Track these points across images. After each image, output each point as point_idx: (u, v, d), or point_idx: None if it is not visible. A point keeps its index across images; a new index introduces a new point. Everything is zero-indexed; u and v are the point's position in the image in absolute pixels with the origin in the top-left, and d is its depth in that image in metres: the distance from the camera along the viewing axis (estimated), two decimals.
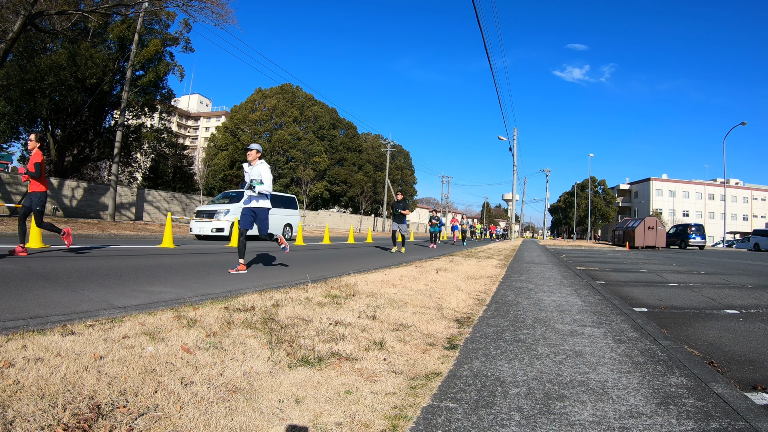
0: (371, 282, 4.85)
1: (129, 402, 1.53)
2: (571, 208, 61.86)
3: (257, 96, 45.43)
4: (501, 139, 35.07)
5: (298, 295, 3.68)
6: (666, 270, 9.75)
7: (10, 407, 1.40)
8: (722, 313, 4.46)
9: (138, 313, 2.80)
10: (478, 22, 19.62)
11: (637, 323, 3.49)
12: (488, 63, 65.65)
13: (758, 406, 1.88)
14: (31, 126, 21.10)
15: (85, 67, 20.11)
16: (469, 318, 3.49)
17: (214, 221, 12.64)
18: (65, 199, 19.02)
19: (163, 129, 29.14)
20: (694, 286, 6.78)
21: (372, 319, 3.09)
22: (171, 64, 24.69)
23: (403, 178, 58.28)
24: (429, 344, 2.62)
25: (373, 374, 2.03)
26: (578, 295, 4.96)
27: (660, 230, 26.75)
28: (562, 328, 3.21)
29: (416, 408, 1.69)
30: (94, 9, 16.60)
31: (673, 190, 67.81)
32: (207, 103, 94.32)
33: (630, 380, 2.13)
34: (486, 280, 6.05)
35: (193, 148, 58.98)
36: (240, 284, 4.55)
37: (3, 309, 2.83)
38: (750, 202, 68.60)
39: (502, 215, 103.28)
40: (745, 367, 2.67)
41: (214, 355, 2.07)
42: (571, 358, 2.46)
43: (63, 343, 2.00)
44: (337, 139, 47.52)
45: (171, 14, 22.29)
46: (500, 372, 2.17)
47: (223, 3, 16.96)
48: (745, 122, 40.77)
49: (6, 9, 14.20)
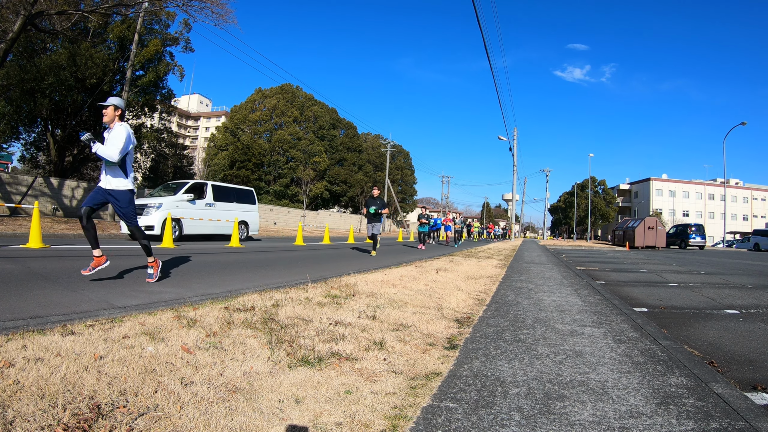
0: (371, 282, 4.85)
1: (129, 402, 1.53)
2: (571, 208, 61.85)
3: (257, 96, 45.45)
4: (501, 139, 35.11)
5: (298, 295, 3.68)
6: (666, 270, 9.75)
7: (10, 407, 1.40)
8: (722, 313, 4.46)
9: (138, 313, 2.81)
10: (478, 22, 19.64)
11: (637, 323, 3.49)
12: (488, 63, 65.69)
13: (758, 406, 1.88)
14: (31, 126, 21.12)
15: (85, 67, 20.11)
16: (469, 318, 3.49)
17: (144, 217, 10.61)
18: (65, 199, 19.01)
19: (163, 129, 29.17)
20: (694, 286, 6.78)
21: (372, 319, 3.09)
22: (171, 64, 24.70)
23: (403, 178, 58.30)
24: (429, 344, 2.62)
25: (373, 374, 2.03)
26: (578, 295, 4.96)
27: (660, 230, 26.75)
28: (562, 328, 3.21)
29: (416, 408, 1.69)
30: (94, 9, 16.61)
31: (673, 190, 67.81)
32: (207, 103, 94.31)
33: (630, 380, 2.13)
34: (486, 280, 6.05)
35: (193, 148, 58.97)
36: (240, 284, 4.55)
37: (3, 309, 2.83)
38: (750, 202, 68.59)
39: (502, 215, 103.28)
40: (745, 367, 2.67)
41: (214, 355, 2.07)
42: (571, 358, 2.46)
43: (63, 343, 2.00)
44: (337, 139, 47.53)
45: (171, 14, 22.32)
46: (500, 372, 2.17)
47: (223, 3, 16.97)
48: (745, 122, 40.82)
49: (6, 9, 14.20)
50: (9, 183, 17.60)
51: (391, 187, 49.78)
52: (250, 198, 14.18)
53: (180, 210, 11.24)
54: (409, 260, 8.88)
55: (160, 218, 10.66)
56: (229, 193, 13.31)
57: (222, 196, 12.80)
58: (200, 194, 12.07)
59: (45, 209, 17.80)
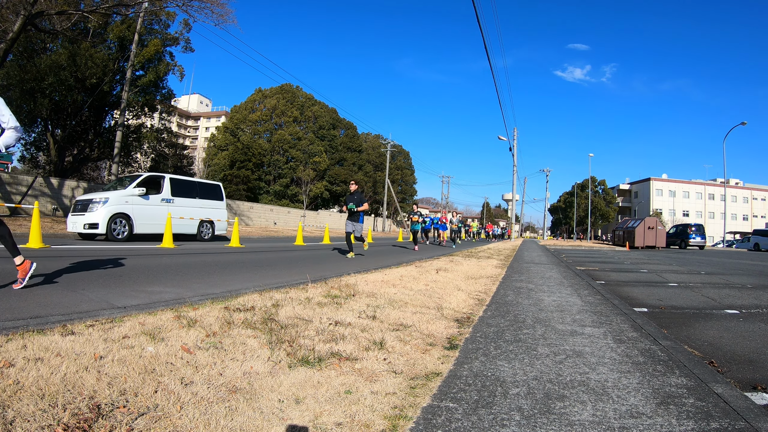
0: (371, 282, 4.85)
1: (129, 402, 1.53)
2: (571, 208, 61.86)
3: (257, 96, 45.47)
4: (501, 139, 35.12)
5: (298, 295, 3.68)
6: (666, 270, 9.75)
7: (10, 407, 1.40)
8: (722, 313, 4.46)
9: (138, 313, 2.81)
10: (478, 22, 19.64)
11: (637, 323, 3.49)
12: (489, 63, 65.70)
13: (758, 406, 1.88)
14: (31, 126, 21.11)
15: (85, 67, 20.12)
16: (469, 318, 3.49)
17: (88, 214, 9.71)
18: (65, 199, 19.01)
19: (163, 129, 29.18)
20: (694, 286, 6.78)
21: (372, 319, 3.09)
22: (171, 64, 24.72)
23: (403, 178, 58.32)
24: (429, 344, 2.62)
25: (373, 374, 2.03)
26: (578, 295, 4.96)
27: (660, 230, 26.74)
28: (562, 328, 3.21)
29: (416, 408, 1.69)
30: (94, 9, 16.62)
31: (673, 190, 67.81)
32: (207, 103, 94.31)
33: (630, 380, 2.12)
34: (486, 280, 6.05)
35: (193, 148, 58.96)
36: (240, 284, 4.55)
37: (3, 309, 2.83)
38: (750, 202, 68.59)
39: (502, 215, 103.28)
40: (745, 367, 2.67)
41: (214, 355, 2.07)
42: (571, 358, 2.46)
43: (63, 343, 2.00)
44: (337, 139, 47.55)
45: (171, 14, 22.34)
46: (500, 372, 2.17)
47: (223, 3, 17.00)
48: (745, 122, 40.82)
49: (6, 9, 14.20)
50: (9, 183, 17.59)
51: (391, 187, 49.77)
52: (216, 193, 12.91)
53: (130, 206, 10.24)
54: (409, 260, 8.88)
55: (105, 215, 9.69)
56: (190, 188, 12.12)
57: (182, 191, 11.69)
58: (156, 188, 11.02)
59: (45, 209, 17.80)
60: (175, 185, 11.48)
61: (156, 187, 11.06)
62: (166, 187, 11.19)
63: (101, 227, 9.65)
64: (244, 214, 32.45)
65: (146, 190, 10.60)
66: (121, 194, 10.18)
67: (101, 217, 9.67)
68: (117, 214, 9.93)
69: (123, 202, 10.12)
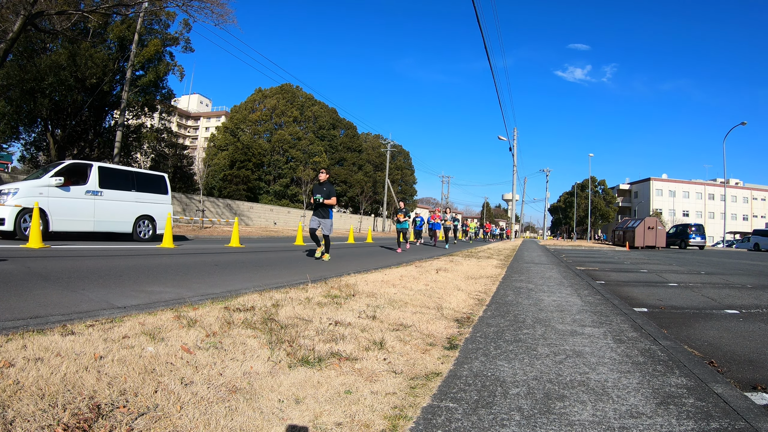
0: (371, 282, 4.85)
1: (129, 402, 1.53)
2: (571, 208, 61.84)
3: (257, 96, 45.48)
4: (501, 139, 35.11)
5: (298, 295, 3.68)
6: (666, 270, 9.75)
7: (10, 407, 1.40)
8: (722, 313, 4.46)
9: (138, 313, 2.80)
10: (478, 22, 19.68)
11: (637, 323, 3.49)
12: (488, 63, 65.70)
13: (758, 406, 1.88)
14: (31, 126, 21.11)
15: (85, 67, 20.11)
16: (469, 318, 3.49)
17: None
18: None
19: (163, 129, 29.19)
20: (694, 286, 6.78)
21: (372, 319, 3.09)
22: (171, 64, 24.72)
23: (403, 178, 58.31)
24: (429, 344, 2.62)
25: (373, 374, 2.03)
26: (578, 295, 4.96)
27: (660, 230, 26.74)
28: (562, 328, 3.21)
29: (416, 408, 1.69)
30: (94, 9, 16.62)
31: (673, 190, 67.81)
32: (207, 103, 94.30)
33: (630, 380, 2.12)
34: (486, 280, 6.05)
35: (193, 148, 58.91)
36: (240, 284, 4.55)
37: (3, 309, 2.83)
38: (750, 202, 68.59)
39: (502, 215, 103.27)
40: (745, 367, 2.67)
41: (214, 355, 2.07)
42: (571, 358, 2.46)
43: (63, 343, 2.00)
44: (337, 139, 47.56)
45: (171, 14, 22.33)
46: (500, 372, 2.17)
47: (223, 3, 17.00)
48: (745, 122, 40.85)
49: (6, 9, 14.20)
50: (9, 183, 17.58)
51: (391, 187, 49.77)
52: (159, 186, 11.14)
53: (45, 198, 8.58)
54: (409, 260, 8.88)
55: (11, 209, 8.21)
56: (125, 179, 10.39)
57: (114, 183, 10.02)
58: (80, 178, 9.43)
59: None
60: (104, 175, 9.85)
61: (80, 177, 9.46)
62: (93, 177, 9.56)
63: (8, 223, 8.20)
64: (244, 214, 32.47)
65: (66, 180, 9.02)
66: (33, 185, 8.64)
67: (8, 212, 8.22)
68: (27, 209, 8.30)
69: (36, 194, 8.50)
